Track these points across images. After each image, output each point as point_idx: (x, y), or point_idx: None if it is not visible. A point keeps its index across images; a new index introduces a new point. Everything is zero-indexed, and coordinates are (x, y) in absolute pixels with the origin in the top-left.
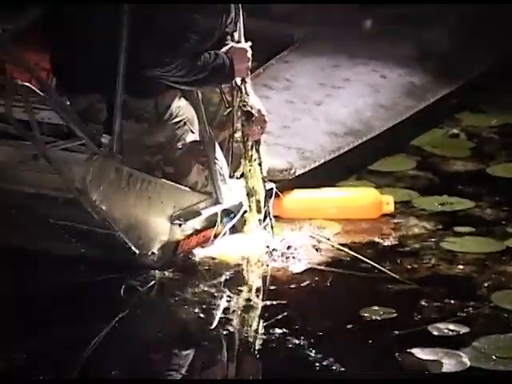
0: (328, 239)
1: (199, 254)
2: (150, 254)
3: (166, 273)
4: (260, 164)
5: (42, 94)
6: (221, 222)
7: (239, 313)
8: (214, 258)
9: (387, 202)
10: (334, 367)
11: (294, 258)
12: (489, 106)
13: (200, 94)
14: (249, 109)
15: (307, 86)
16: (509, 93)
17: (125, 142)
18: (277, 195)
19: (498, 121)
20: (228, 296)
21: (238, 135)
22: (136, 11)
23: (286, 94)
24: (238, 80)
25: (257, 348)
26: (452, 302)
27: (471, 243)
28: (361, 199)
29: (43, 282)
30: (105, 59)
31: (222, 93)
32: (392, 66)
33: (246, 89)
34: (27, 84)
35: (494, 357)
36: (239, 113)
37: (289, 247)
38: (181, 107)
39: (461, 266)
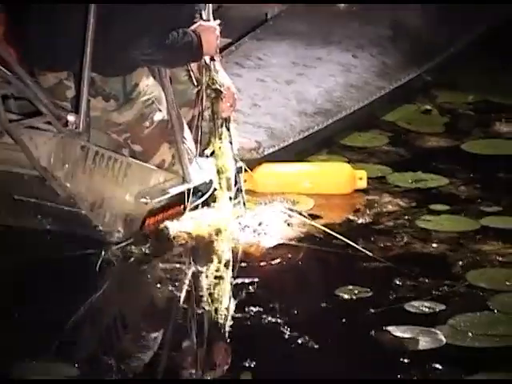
0: (300, 213)
1: (172, 228)
2: (115, 231)
3: (137, 247)
4: (230, 142)
5: (6, 70)
6: (188, 200)
7: (212, 290)
8: (188, 233)
9: (360, 177)
10: (308, 345)
11: (265, 234)
12: (465, 83)
13: (168, 73)
14: (217, 86)
15: (279, 65)
16: (485, 70)
17: (92, 120)
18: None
19: (475, 97)
20: (199, 272)
21: (207, 113)
22: None
23: (258, 73)
24: (207, 58)
25: (231, 326)
26: (427, 280)
27: (446, 221)
28: (334, 174)
29: (16, 257)
30: (75, 36)
31: (191, 71)
32: (364, 45)
33: (214, 66)
34: None
35: (469, 334)
36: (208, 91)
37: (260, 223)
38: (148, 86)
39: (435, 245)
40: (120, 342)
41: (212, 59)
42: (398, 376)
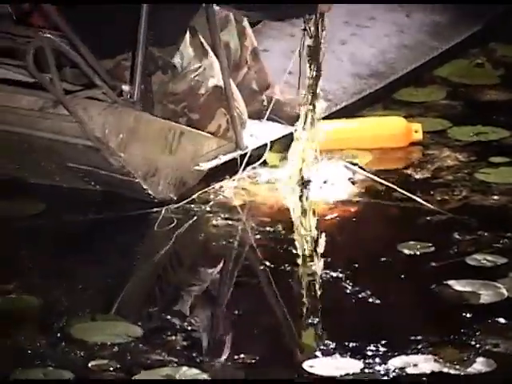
0: (363, 169)
1: (231, 187)
2: (168, 199)
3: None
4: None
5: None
6: (241, 166)
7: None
8: (247, 191)
9: (416, 129)
10: (370, 300)
11: (328, 190)
12: None
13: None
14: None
15: (332, 24)
16: None
17: (154, 94)
18: None
19: None
20: (262, 230)
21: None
22: None
23: None
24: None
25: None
26: (487, 233)
27: (507, 173)
28: (389, 127)
29: (72, 216)
30: (125, 21)
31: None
32: (417, 5)
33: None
34: (49, 35)
35: None
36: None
37: (325, 181)
38: (199, 52)
39: (496, 197)
40: (180, 300)
41: (322, 17)
42: (461, 330)
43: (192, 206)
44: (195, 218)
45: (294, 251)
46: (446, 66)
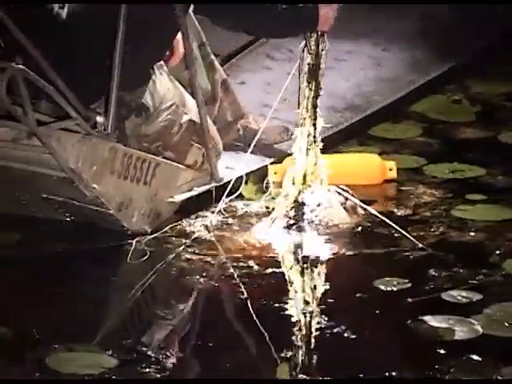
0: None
1: (207, 219)
2: (142, 231)
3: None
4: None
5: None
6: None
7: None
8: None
9: (390, 167)
10: (345, 335)
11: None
12: (499, 73)
13: (198, 71)
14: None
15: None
16: None
17: (128, 138)
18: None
19: (509, 88)
20: (237, 265)
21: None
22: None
23: (289, 66)
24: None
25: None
26: (463, 270)
27: (483, 211)
28: (363, 164)
29: (47, 247)
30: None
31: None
32: (394, 39)
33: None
34: (22, 67)
35: (506, 323)
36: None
37: (318, 204)
38: (169, 90)
39: (472, 234)
40: (156, 332)
41: (322, 34)
42: (436, 367)
43: (166, 238)
44: (169, 250)
45: (269, 286)
46: (423, 102)
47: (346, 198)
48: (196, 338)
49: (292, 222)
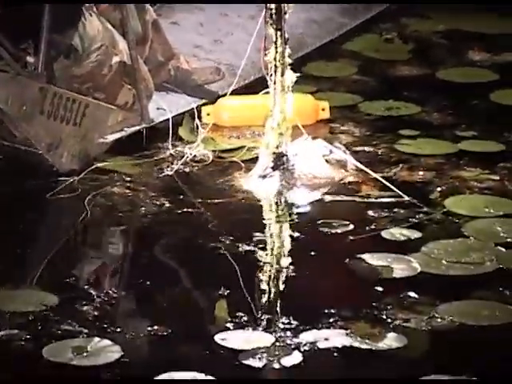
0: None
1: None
2: (71, 170)
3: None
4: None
5: None
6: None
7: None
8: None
9: (323, 107)
10: (286, 272)
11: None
12: (436, 12)
13: (129, 12)
14: None
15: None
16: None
17: (56, 78)
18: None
19: (445, 26)
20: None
21: None
22: None
23: (222, 7)
24: None
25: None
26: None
27: (423, 145)
28: (296, 105)
29: None
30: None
31: None
32: None
33: None
34: None
35: (443, 261)
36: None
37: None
38: (99, 31)
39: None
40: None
41: None
42: (373, 304)
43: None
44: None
45: (201, 220)
46: (356, 41)
47: (331, 151)
48: (133, 276)
49: (268, 171)
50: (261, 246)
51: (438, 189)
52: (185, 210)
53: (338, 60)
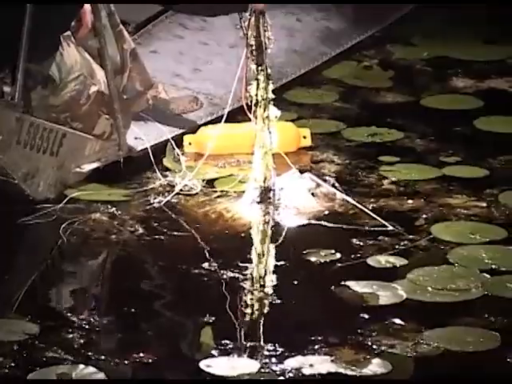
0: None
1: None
2: (46, 199)
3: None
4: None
5: None
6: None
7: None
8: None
9: (304, 135)
10: (271, 300)
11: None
12: (421, 39)
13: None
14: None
15: (223, 28)
16: (440, 26)
17: (33, 108)
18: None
19: (430, 53)
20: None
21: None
22: None
23: (201, 35)
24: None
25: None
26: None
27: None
28: (278, 133)
29: None
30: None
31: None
32: (308, 9)
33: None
34: None
35: (429, 288)
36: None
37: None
38: (77, 62)
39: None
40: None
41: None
42: (358, 331)
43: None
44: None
45: (187, 247)
46: (336, 68)
47: (318, 184)
48: (118, 303)
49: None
50: (246, 272)
51: (424, 216)
52: (168, 236)
53: (319, 87)
